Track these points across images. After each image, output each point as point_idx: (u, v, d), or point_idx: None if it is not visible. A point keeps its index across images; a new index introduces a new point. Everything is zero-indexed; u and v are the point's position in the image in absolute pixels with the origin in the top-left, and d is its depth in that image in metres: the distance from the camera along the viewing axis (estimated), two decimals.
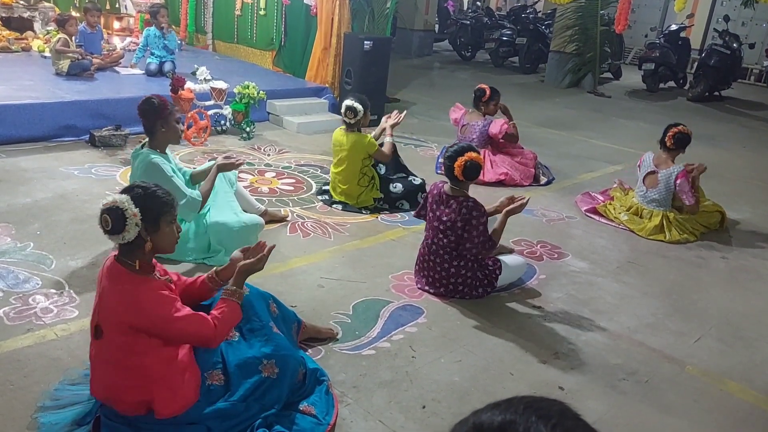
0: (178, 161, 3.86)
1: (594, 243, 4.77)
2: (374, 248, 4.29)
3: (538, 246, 4.57)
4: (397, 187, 5.07)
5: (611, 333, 3.50)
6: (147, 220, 2.19)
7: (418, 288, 3.75)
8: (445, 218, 3.59)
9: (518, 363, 3.13)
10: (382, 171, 5.17)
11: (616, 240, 4.89)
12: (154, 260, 2.36)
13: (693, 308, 3.89)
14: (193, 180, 4.01)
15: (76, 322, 3.08)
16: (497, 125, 5.95)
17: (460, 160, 3.47)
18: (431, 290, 3.71)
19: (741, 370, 3.27)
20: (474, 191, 3.78)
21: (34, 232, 4.00)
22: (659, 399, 2.97)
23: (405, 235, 4.56)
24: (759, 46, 13.68)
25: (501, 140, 6.02)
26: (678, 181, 4.95)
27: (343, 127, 4.94)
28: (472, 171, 3.51)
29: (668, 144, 5.11)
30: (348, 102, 4.85)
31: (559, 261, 4.38)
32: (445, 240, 3.63)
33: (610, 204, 5.36)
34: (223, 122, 6.69)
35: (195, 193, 3.76)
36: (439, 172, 6.07)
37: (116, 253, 2.28)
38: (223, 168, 3.98)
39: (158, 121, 3.75)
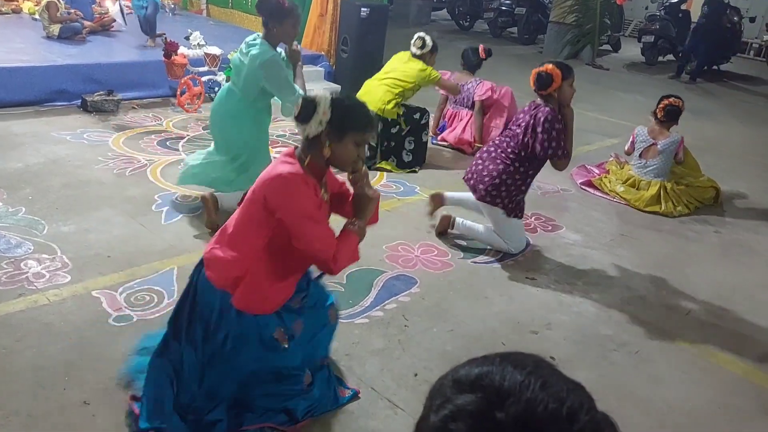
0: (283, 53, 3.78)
1: (588, 216, 4.77)
2: None
3: (533, 218, 4.57)
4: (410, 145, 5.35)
5: (603, 305, 3.52)
6: (334, 126, 2.13)
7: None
8: (520, 120, 3.72)
9: (510, 333, 3.15)
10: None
11: (611, 213, 4.89)
12: (331, 173, 2.33)
13: (685, 281, 3.91)
14: None
15: (68, 288, 3.08)
16: (483, 88, 5.97)
17: (534, 72, 3.63)
18: (472, 191, 3.86)
19: (731, 342, 3.30)
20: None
21: (26, 197, 3.97)
22: (649, 370, 2.99)
23: (399, 206, 4.55)
24: (759, 20, 13.54)
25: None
26: (679, 151, 5.05)
27: (409, 53, 5.25)
28: (539, 80, 3.59)
29: (659, 116, 5.10)
30: (421, 33, 5.25)
31: (553, 233, 4.38)
32: (507, 139, 3.76)
33: (606, 177, 5.36)
34: (216, 89, 6.57)
35: (301, 92, 3.68)
36: (434, 141, 6.06)
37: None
38: (294, 58, 3.85)
39: (271, 20, 3.64)
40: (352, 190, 2.38)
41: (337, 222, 2.26)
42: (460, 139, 5.98)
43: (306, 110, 2.12)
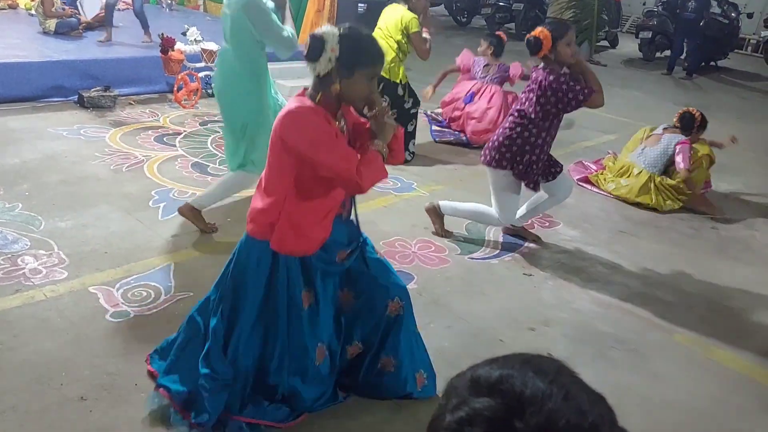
0: None
1: (586, 212, 4.77)
2: (366, 215, 4.23)
3: None
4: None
5: (601, 301, 3.52)
6: (343, 62, 2.08)
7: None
8: (526, 88, 3.72)
9: (508, 330, 3.15)
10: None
11: (609, 209, 4.89)
12: (347, 108, 2.28)
13: (683, 278, 3.91)
14: None
15: (65, 284, 3.06)
16: (516, 66, 6.17)
17: (526, 37, 3.60)
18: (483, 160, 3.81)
19: (729, 338, 3.30)
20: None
21: (23, 192, 3.95)
22: (648, 367, 2.99)
23: (396, 202, 4.54)
24: (757, 16, 13.56)
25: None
26: (679, 146, 4.96)
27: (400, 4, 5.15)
28: (528, 46, 3.54)
29: (675, 122, 5.17)
30: None
31: (550, 229, 4.38)
32: (516, 106, 3.75)
33: (602, 174, 5.35)
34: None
35: (291, 31, 3.63)
36: (436, 139, 6.07)
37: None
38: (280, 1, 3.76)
39: None
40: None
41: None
42: (474, 131, 6.00)
43: (314, 48, 2.08)
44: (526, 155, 3.66)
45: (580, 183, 5.32)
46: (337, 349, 2.47)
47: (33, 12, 7.61)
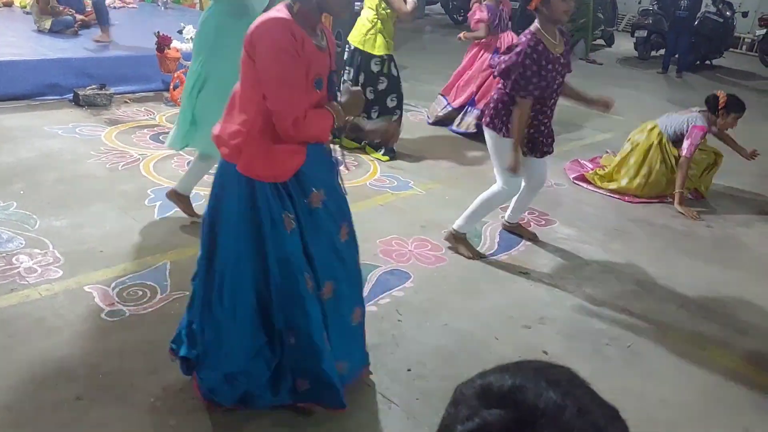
0: None
1: (582, 210, 4.78)
2: (362, 213, 4.27)
3: (526, 213, 4.56)
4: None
5: (596, 299, 3.53)
6: None
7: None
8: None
9: (504, 327, 3.16)
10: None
11: (604, 208, 4.91)
12: (323, 26, 2.14)
13: (677, 276, 3.93)
14: None
15: (60, 283, 3.06)
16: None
17: None
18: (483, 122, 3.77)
19: (722, 336, 3.32)
20: None
21: (18, 191, 3.95)
22: (642, 364, 3.01)
23: (393, 200, 4.54)
24: (752, 15, 13.59)
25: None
26: (695, 129, 4.93)
27: None
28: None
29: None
30: None
31: (546, 228, 4.39)
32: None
33: (599, 173, 5.36)
34: None
35: None
36: (429, 122, 6.25)
37: None
38: None
39: None
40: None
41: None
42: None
43: None
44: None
45: (576, 181, 5.33)
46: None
47: (28, 10, 7.59)
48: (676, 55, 11.16)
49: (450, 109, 6.34)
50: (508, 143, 3.56)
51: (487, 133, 3.70)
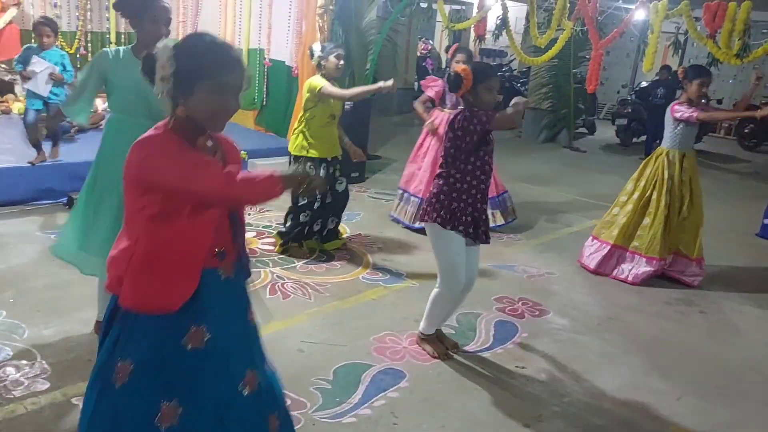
0: None
1: (575, 299, 4.77)
2: (355, 308, 4.26)
3: (520, 303, 4.57)
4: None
5: (594, 393, 3.47)
6: (180, 79, 1.82)
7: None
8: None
9: (502, 427, 3.08)
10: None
11: (596, 295, 4.91)
12: (216, 136, 2.00)
13: (674, 365, 3.89)
14: None
15: (46, 395, 2.99)
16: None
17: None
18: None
19: (724, 428, 3.25)
20: None
21: (7, 299, 3.92)
22: None
23: (386, 294, 4.54)
24: (727, 101, 14.10)
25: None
26: (674, 107, 5.05)
27: None
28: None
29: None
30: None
31: (540, 318, 4.37)
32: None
33: (607, 225, 5.36)
34: None
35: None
36: (393, 216, 6.08)
37: None
38: None
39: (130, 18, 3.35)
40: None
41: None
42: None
43: (147, 67, 1.86)
44: (453, 203, 3.42)
45: (591, 270, 5.29)
46: None
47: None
48: (657, 141, 11.47)
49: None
50: (449, 235, 3.42)
51: (427, 228, 3.57)
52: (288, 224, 5.13)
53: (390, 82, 4.82)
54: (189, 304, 1.89)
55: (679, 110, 5.02)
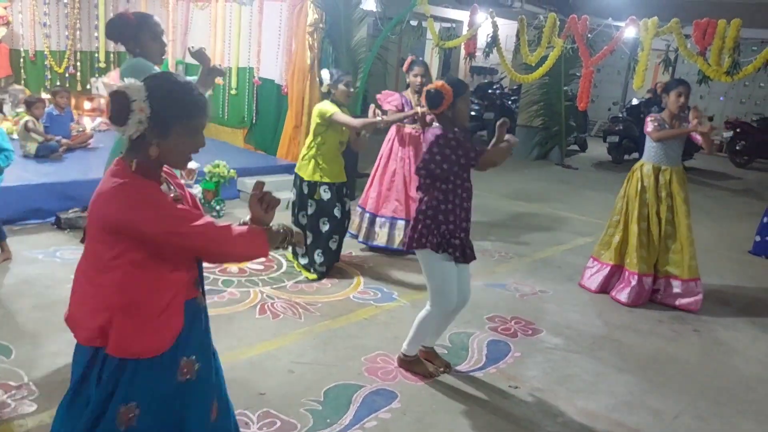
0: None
1: (568, 318, 4.75)
2: (346, 328, 4.21)
3: (513, 322, 4.54)
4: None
5: (589, 412, 3.43)
6: (156, 121, 1.79)
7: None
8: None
9: None
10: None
11: (590, 314, 4.88)
12: (167, 171, 1.99)
13: (669, 384, 3.86)
14: None
15: (33, 417, 2.93)
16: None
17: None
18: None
19: None
20: None
21: None
22: None
23: (377, 313, 4.50)
24: (718, 118, 14.23)
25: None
26: (647, 119, 5.08)
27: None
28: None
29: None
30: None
31: (533, 337, 4.34)
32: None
33: (603, 245, 5.34)
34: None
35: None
36: (360, 240, 5.88)
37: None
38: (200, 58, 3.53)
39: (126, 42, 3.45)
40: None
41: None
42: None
43: (119, 109, 1.77)
44: (441, 226, 3.37)
45: (590, 288, 5.28)
46: None
47: (15, 136, 7.74)
48: None
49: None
50: (441, 257, 3.40)
51: (418, 253, 3.49)
52: (321, 260, 4.99)
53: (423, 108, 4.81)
54: (177, 337, 1.91)
55: (647, 124, 5.07)
